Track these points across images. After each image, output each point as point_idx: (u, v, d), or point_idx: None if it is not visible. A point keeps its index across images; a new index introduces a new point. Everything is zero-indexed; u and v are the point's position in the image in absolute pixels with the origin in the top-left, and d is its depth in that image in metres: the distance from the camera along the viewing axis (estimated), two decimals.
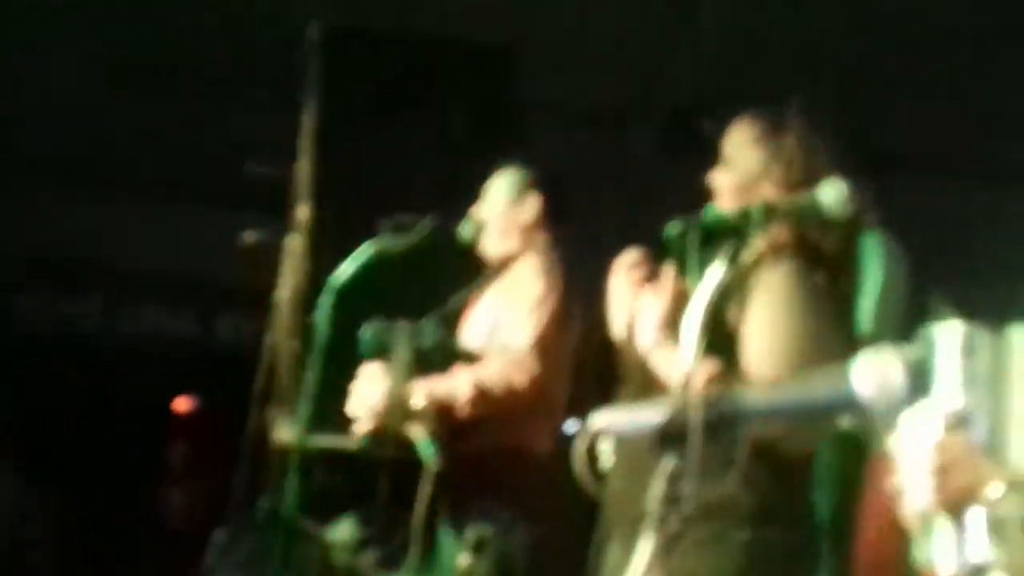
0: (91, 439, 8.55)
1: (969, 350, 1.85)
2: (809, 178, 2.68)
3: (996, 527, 1.78)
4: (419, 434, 3.80)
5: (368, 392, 3.90)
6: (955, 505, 1.82)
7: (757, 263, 2.63)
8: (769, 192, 2.75)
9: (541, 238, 4.14)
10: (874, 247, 4.40)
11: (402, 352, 3.86)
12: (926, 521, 1.89)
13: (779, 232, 2.64)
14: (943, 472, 1.80)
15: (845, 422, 2.00)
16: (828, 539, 2.59)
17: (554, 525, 3.91)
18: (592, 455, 2.56)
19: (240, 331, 9.02)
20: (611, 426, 1.73)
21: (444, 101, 4.96)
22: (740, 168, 2.84)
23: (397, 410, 3.82)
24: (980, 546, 1.82)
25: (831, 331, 2.57)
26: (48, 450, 8.02)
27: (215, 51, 6.37)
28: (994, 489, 1.77)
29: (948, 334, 1.89)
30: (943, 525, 1.85)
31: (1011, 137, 5.86)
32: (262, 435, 5.05)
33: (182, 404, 9.19)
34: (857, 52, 5.68)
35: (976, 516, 1.80)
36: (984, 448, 1.82)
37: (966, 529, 1.82)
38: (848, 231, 2.70)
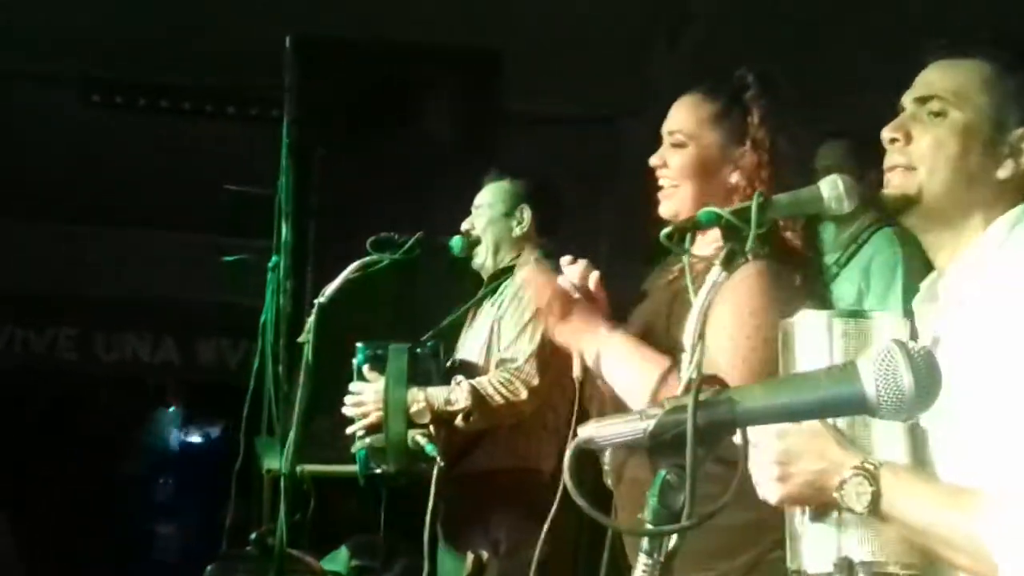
0: (72, 472, 8.44)
1: (824, 338, 1.82)
2: (775, 161, 2.57)
3: (860, 517, 1.71)
4: (421, 440, 3.67)
5: (365, 398, 3.76)
6: (806, 497, 1.76)
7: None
8: (733, 177, 2.61)
9: (535, 249, 4.03)
10: (891, 245, 4.30)
11: (398, 362, 3.74)
12: (791, 517, 1.83)
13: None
14: (787, 460, 1.74)
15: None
16: None
17: (560, 546, 3.80)
18: (581, 468, 2.43)
19: (222, 356, 8.95)
20: (599, 436, 1.59)
21: (429, 110, 4.84)
22: (699, 149, 2.64)
23: (396, 416, 3.68)
24: (850, 538, 1.74)
25: None
26: (28, 485, 7.90)
27: (187, 69, 6.26)
28: (840, 477, 1.71)
29: (803, 324, 1.86)
30: (808, 520, 1.78)
31: None
32: (251, 464, 4.94)
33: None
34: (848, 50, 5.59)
35: (839, 508, 1.73)
36: (840, 435, 1.75)
37: (833, 521, 1.75)
38: (807, 227, 2.56)
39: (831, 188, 2.22)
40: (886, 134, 1.93)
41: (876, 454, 1.74)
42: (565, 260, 2.78)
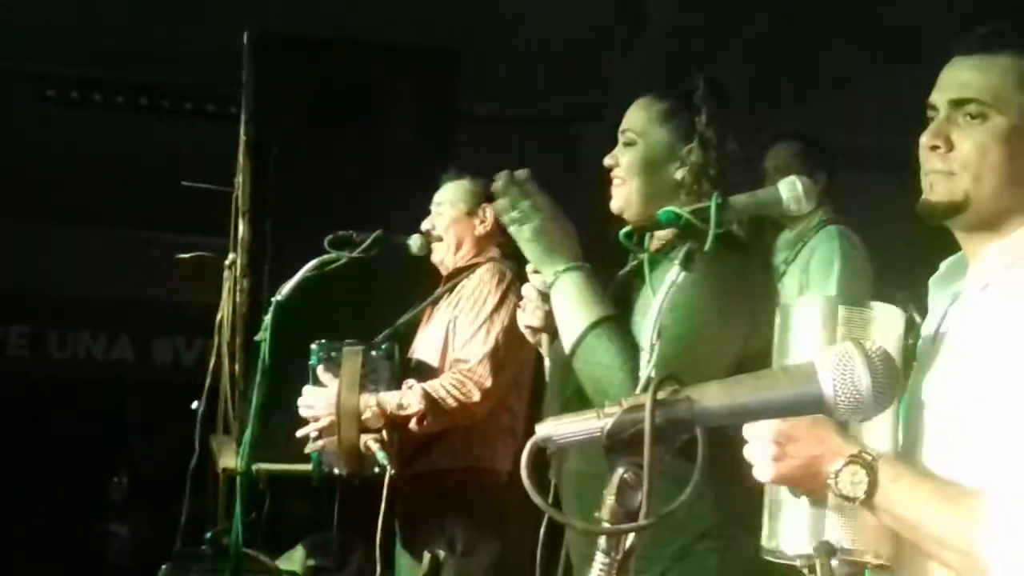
0: (25, 470, 8.35)
1: (827, 323, 1.82)
2: (722, 159, 2.60)
3: (843, 505, 1.72)
4: (373, 445, 3.67)
5: (317, 405, 3.76)
6: (799, 479, 1.76)
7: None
8: (679, 173, 2.63)
9: (494, 248, 4.04)
10: (831, 240, 4.36)
11: (351, 365, 3.73)
12: (773, 498, 1.83)
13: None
14: (784, 441, 1.74)
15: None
16: None
17: (516, 546, 3.82)
18: (540, 467, 2.44)
19: (178, 355, 8.90)
20: (556, 434, 1.60)
21: (387, 109, 4.84)
22: (647, 146, 2.67)
23: (348, 422, 3.68)
24: (831, 524, 1.75)
25: (737, 319, 2.48)
26: None
27: (143, 66, 6.23)
28: (836, 464, 1.71)
29: (806, 307, 1.86)
30: (791, 502, 1.78)
31: None
32: (206, 463, 4.91)
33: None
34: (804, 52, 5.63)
35: (827, 492, 1.74)
36: (835, 423, 1.75)
37: (816, 506, 1.76)
38: (758, 222, 2.58)
39: (790, 189, 2.26)
40: (926, 140, 1.88)
41: (864, 440, 1.75)
42: (531, 267, 2.79)
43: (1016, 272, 1.82)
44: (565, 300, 2.55)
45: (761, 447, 1.76)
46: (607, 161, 2.73)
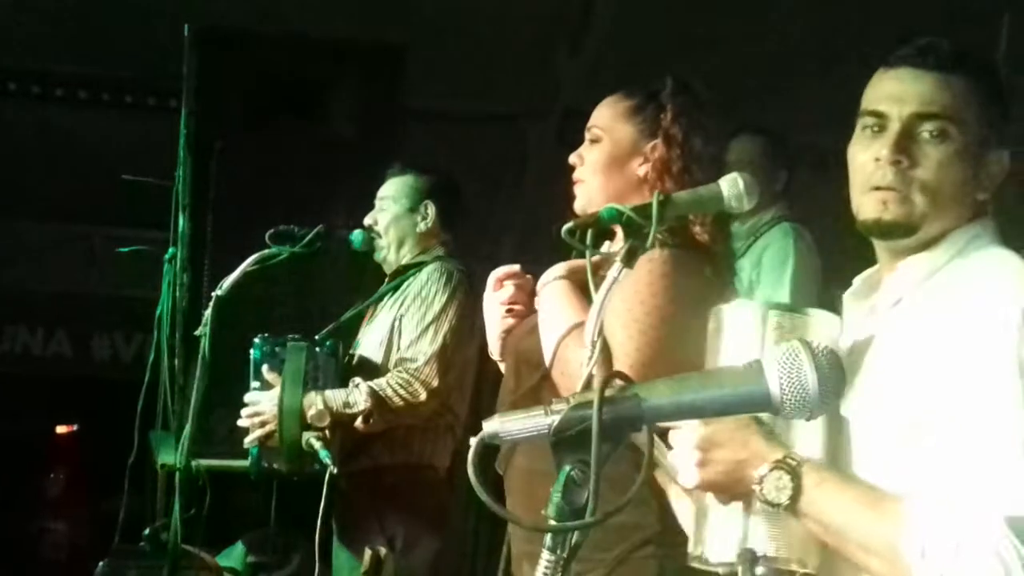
0: None
1: (758, 329, 1.79)
2: (687, 157, 2.58)
3: (770, 510, 1.71)
4: (315, 443, 3.66)
5: (260, 402, 3.74)
6: (723, 485, 1.74)
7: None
8: (642, 169, 2.63)
9: (439, 246, 4.03)
10: (785, 237, 4.38)
11: (295, 362, 3.71)
12: (698, 505, 1.81)
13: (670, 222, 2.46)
14: (708, 447, 1.72)
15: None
16: None
17: (456, 542, 3.83)
18: (485, 463, 2.43)
19: (116, 350, 8.81)
20: (503, 431, 1.59)
21: (331, 104, 4.80)
22: (611, 143, 2.66)
23: (291, 420, 3.66)
24: (755, 531, 1.73)
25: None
26: None
27: (83, 58, 6.15)
28: (761, 469, 1.69)
29: (738, 312, 1.84)
30: (717, 509, 1.76)
31: None
32: (145, 459, 4.87)
33: (59, 430, 8.92)
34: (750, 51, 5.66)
35: (752, 499, 1.72)
36: (764, 428, 1.73)
37: (741, 513, 1.74)
38: (717, 222, 2.57)
39: (731, 186, 2.26)
40: (888, 154, 1.82)
41: (794, 448, 1.73)
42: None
43: (927, 288, 1.82)
44: (550, 302, 2.55)
45: (685, 453, 1.74)
46: (571, 159, 2.71)
